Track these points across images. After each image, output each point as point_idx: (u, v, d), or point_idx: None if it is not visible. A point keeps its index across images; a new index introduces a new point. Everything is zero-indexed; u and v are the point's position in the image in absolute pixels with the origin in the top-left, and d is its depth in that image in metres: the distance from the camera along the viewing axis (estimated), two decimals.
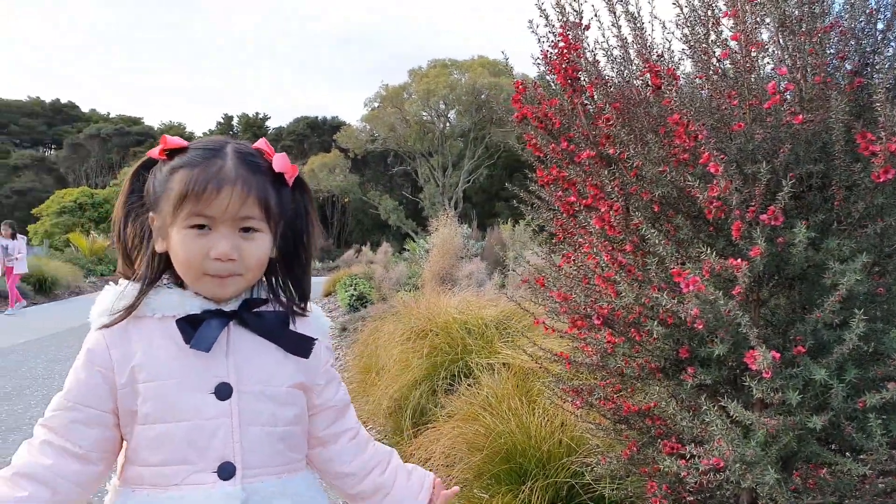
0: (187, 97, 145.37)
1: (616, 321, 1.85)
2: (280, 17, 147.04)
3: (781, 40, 1.72)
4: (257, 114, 55.73)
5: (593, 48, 1.93)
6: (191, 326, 1.05)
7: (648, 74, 1.72)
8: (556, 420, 2.76)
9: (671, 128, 1.63)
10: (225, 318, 1.08)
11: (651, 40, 1.92)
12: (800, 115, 1.49)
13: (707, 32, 1.88)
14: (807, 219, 1.57)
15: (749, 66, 1.59)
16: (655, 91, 1.70)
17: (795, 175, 1.50)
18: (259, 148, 1.12)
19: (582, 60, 1.88)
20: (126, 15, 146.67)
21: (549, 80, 2.14)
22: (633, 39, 1.91)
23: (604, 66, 1.94)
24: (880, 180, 1.42)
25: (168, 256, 1.08)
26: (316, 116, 50.13)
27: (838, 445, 1.72)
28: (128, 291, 1.08)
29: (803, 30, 1.61)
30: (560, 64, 1.91)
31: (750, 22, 1.67)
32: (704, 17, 1.89)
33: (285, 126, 51.17)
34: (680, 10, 1.76)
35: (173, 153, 1.08)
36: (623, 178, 1.76)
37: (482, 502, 2.59)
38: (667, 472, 1.74)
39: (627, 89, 1.82)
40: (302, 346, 1.14)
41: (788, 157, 1.55)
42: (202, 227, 1.04)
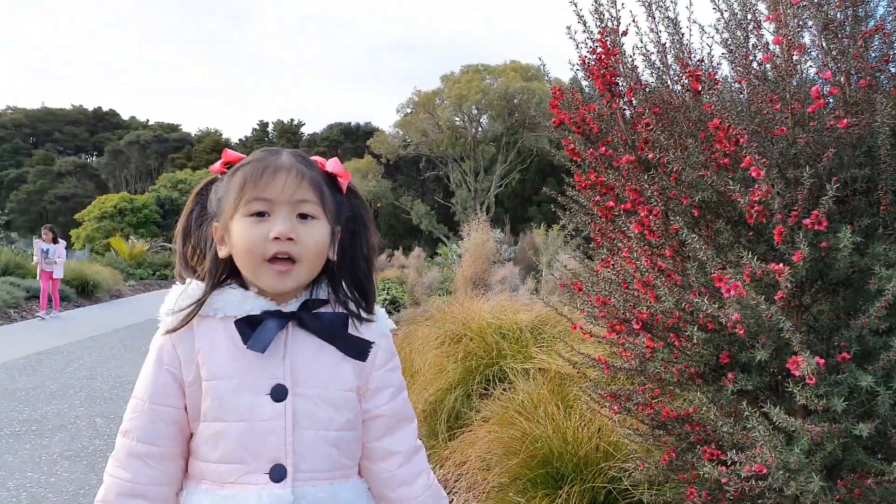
0: (224, 104, 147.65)
1: (655, 326, 1.85)
2: (316, 26, 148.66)
3: (824, 44, 1.70)
4: (292, 120, 56.37)
5: (632, 53, 1.93)
6: (249, 327, 1.07)
7: (688, 79, 1.72)
8: (592, 425, 2.75)
9: (711, 132, 1.63)
10: (283, 319, 1.09)
11: (690, 45, 1.92)
12: (844, 119, 1.47)
13: (747, 36, 1.88)
14: (851, 223, 1.56)
15: (791, 69, 1.58)
16: (695, 96, 1.69)
17: (839, 179, 1.49)
18: (314, 159, 1.16)
19: (620, 66, 1.88)
20: (165, 24, 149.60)
21: (586, 85, 2.15)
22: (671, 44, 1.91)
23: (642, 71, 1.94)
24: None
25: (230, 263, 1.11)
26: (349, 123, 50.53)
27: (885, 454, 1.69)
28: (192, 291, 1.11)
29: (847, 33, 1.60)
30: (598, 69, 1.92)
31: (792, 25, 1.66)
32: (745, 21, 1.88)
33: (319, 132, 51.66)
34: (720, 15, 1.76)
35: (232, 165, 1.14)
36: (662, 183, 1.76)
37: None
38: (706, 478, 1.73)
39: (667, 94, 1.81)
40: (359, 348, 1.13)
41: (832, 161, 1.53)
42: (262, 215, 1.06)
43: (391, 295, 11.48)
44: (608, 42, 1.92)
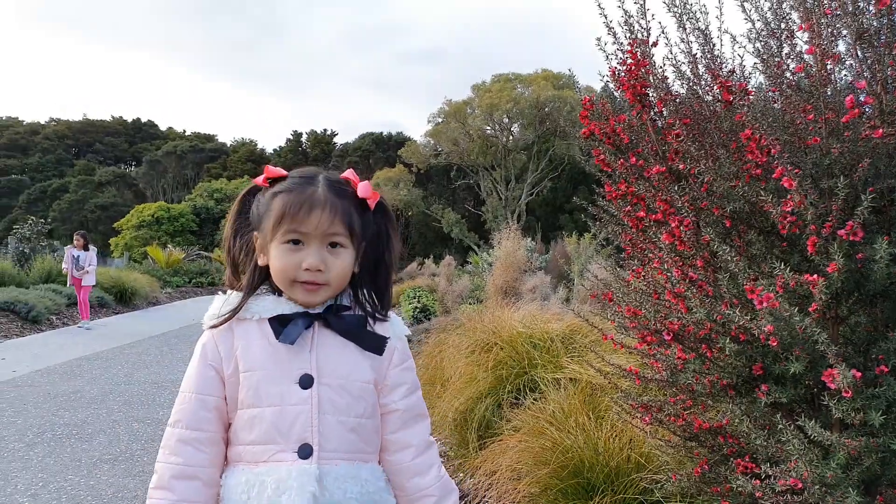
0: (259, 114, 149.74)
1: (687, 337, 1.83)
2: (349, 37, 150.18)
3: (859, 53, 1.68)
4: (325, 130, 56.95)
5: (662, 64, 1.93)
6: (281, 325, 1.21)
7: (719, 90, 1.71)
8: (624, 436, 2.73)
9: (743, 143, 1.62)
10: (311, 318, 1.23)
11: (721, 55, 1.91)
12: (880, 129, 1.46)
13: (780, 45, 1.86)
14: (888, 234, 1.53)
15: (825, 79, 1.56)
16: (726, 106, 1.68)
17: (875, 189, 1.47)
18: (346, 177, 1.28)
19: (650, 77, 1.88)
20: (202, 35, 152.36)
21: (616, 95, 2.15)
22: (702, 55, 1.90)
23: (672, 81, 1.94)
24: None
25: (267, 269, 1.25)
26: (381, 132, 50.85)
27: None
28: (232, 298, 1.27)
29: (883, 41, 1.58)
30: (628, 80, 1.92)
31: (826, 35, 1.64)
32: (778, 31, 1.87)
33: (351, 142, 52.09)
34: (752, 25, 1.75)
35: (274, 181, 1.26)
36: (693, 194, 1.75)
37: None
38: (740, 491, 1.71)
39: (697, 104, 1.81)
40: (376, 344, 1.27)
41: (868, 171, 1.51)
42: (296, 243, 1.21)
43: (422, 303, 11.51)
44: (638, 53, 1.92)
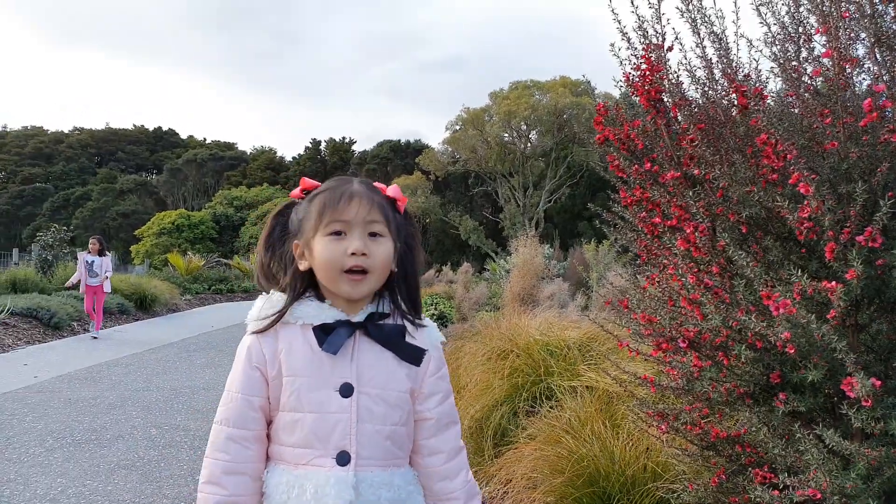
0: (278, 123, 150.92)
1: (703, 344, 1.81)
2: (367, 46, 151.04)
3: (878, 56, 1.66)
4: (343, 138, 57.27)
5: (676, 69, 1.91)
6: (324, 333, 1.25)
7: (734, 94, 1.69)
8: (640, 444, 2.70)
9: (759, 148, 1.60)
10: (352, 328, 1.27)
11: (737, 60, 1.89)
12: None
13: (798, 49, 1.84)
14: None
15: (843, 82, 1.54)
16: (742, 111, 1.67)
17: (895, 195, 1.44)
18: (378, 184, 1.34)
19: (665, 82, 1.86)
20: (223, 45, 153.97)
21: (631, 101, 2.13)
22: (717, 59, 1.88)
23: (687, 87, 1.92)
24: None
25: (310, 274, 1.29)
26: (398, 140, 50.98)
27: None
28: (276, 301, 1.29)
29: None
30: (642, 86, 1.91)
31: (844, 38, 1.62)
32: (795, 35, 1.85)
33: (369, 150, 52.29)
34: (768, 29, 1.73)
35: (309, 192, 1.32)
36: (709, 199, 1.73)
37: None
38: (758, 501, 1.68)
39: (712, 109, 1.79)
40: (414, 355, 1.30)
41: (887, 175, 1.49)
42: (339, 234, 1.24)
43: (439, 310, 11.50)
44: (652, 58, 1.91)
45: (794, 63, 1.81)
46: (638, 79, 1.95)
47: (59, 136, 71.62)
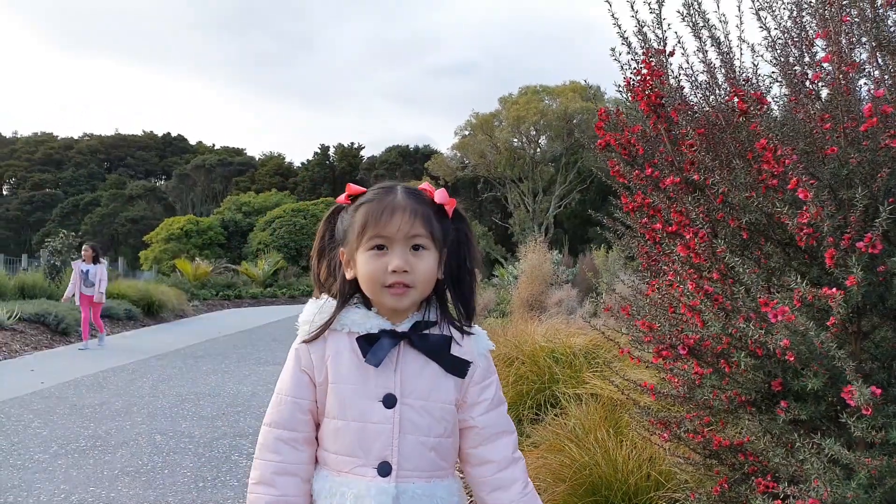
0: (287, 128, 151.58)
1: (703, 351, 1.79)
2: (375, 51, 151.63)
3: (880, 60, 1.64)
4: (352, 144, 57.32)
5: (677, 74, 1.90)
6: (368, 343, 1.25)
7: (733, 99, 1.68)
8: (645, 453, 2.68)
9: (758, 153, 1.58)
10: (397, 338, 1.26)
11: (740, 64, 1.87)
12: None
13: (801, 55, 1.82)
14: None
15: (843, 87, 1.52)
16: (740, 116, 1.65)
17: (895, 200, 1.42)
18: (423, 188, 1.31)
19: (665, 87, 1.85)
20: (232, 51, 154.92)
21: (633, 106, 2.12)
22: (720, 64, 1.87)
23: (688, 92, 1.91)
24: None
25: (356, 282, 1.29)
26: (407, 145, 51.04)
27: None
28: (326, 307, 1.30)
29: None
30: (643, 90, 1.89)
31: (845, 43, 1.60)
32: (798, 39, 1.83)
33: (378, 155, 52.38)
34: (768, 33, 1.71)
35: (355, 198, 1.30)
36: (709, 205, 1.72)
37: None
38: None
39: (713, 114, 1.77)
40: (459, 367, 1.29)
41: (888, 181, 1.47)
42: (381, 248, 1.24)
43: None
44: (653, 63, 1.90)
45: (796, 68, 1.79)
46: (638, 83, 1.94)
47: (69, 142, 72.14)
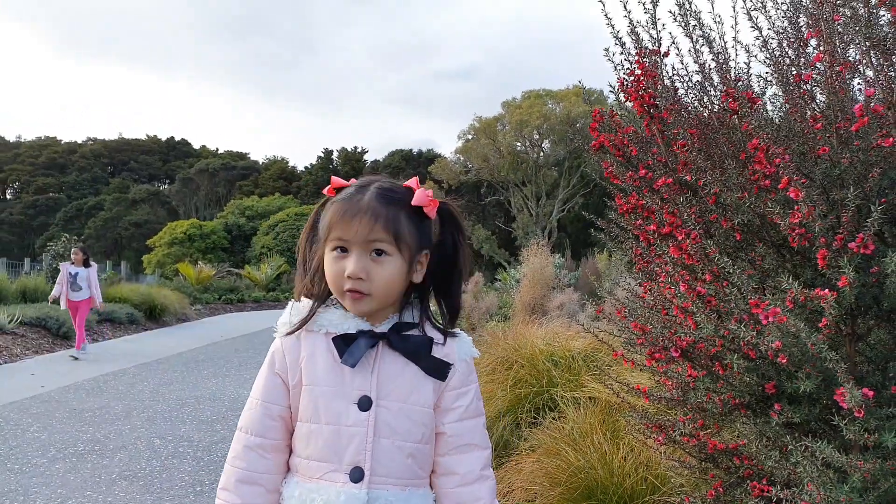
0: (290, 132, 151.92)
1: (697, 354, 1.78)
2: (380, 55, 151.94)
3: (874, 60, 1.63)
4: (356, 148, 57.43)
5: (671, 75, 1.89)
6: (345, 343, 1.21)
7: (725, 99, 1.66)
8: (641, 457, 2.66)
9: (751, 153, 1.57)
10: (375, 338, 1.22)
11: (735, 65, 1.86)
12: (890, 138, 1.40)
13: (798, 55, 1.81)
14: None
15: (834, 86, 1.51)
16: (731, 116, 1.64)
17: (888, 200, 1.41)
18: (408, 185, 1.26)
19: (658, 87, 1.84)
20: (235, 55, 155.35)
21: (628, 107, 2.11)
22: (715, 66, 1.86)
23: (682, 92, 1.89)
24: None
25: None
26: (410, 149, 51.07)
27: None
28: (302, 307, 1.27)
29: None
30: (636, 91, 1.88)
31: (838, 42, 1.59)
32: (793, 39, 1.82)
33: (381, 160, 52.42)
34: (759, 33, 1.70)
35: (339, 190, 1.26)
36: (701, 206, 1.70)
37: None
38: None
39: (703, 114, 1.76)
40: (439, 368, 1.24)
41: (881, 181, 1.45)
42: (343, 251, 1.20)
43: None
44: (646, 63, 1.89)
45: (792, 69, 1.78)
46: (632, 84, 1.92)
47: (73, 146, 72.33)
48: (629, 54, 1.97)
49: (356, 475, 1.18)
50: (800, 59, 1.82)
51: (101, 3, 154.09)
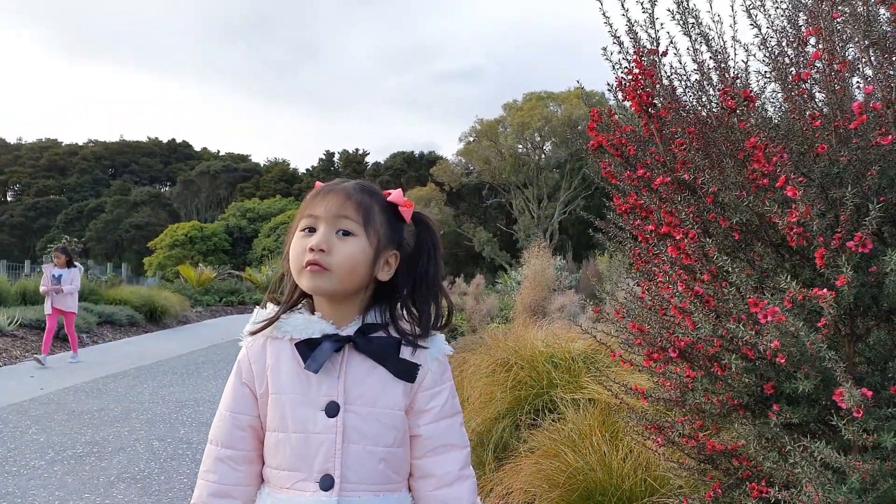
0: (292, 135, 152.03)
1: (695, 354, 1.77)
2: (384, 58, 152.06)
3: (873, 58, 1.62)
4: (357, 150, 57.47)
5: (669, 74, 1.88)
6: (309, 349, 1.17)
7: (723, 98, 1.65)
8: (640, 458, 2.65)
9: (749, 152, 1.56)
10: (340, 342, 1.18)
11: (735, 63, 1.85)
12: (889, 136, 1.39)
13: (798, 54, 1.80)
14: None
15: (832, 85, 1.50)
16: (730, 114, 1.63)
17: (887, 199, 1.40)
18: (388, 192, 1.25)
19: (656, 86, 1.83)
20: (237, 57, 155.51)
21: (626, 106, 2.10)
22: (713, 65, 1.85)
23: (681, 92, 1.88)
24: None
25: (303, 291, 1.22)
26: (412, 152, 51.17)
27: None
28: (267, 312, 1.24)
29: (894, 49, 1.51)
30: (634, 90, 1.87)
31: (838, 41, 1.58)
32: (792, 38, 1.81)
33: (383, 162, 52.47)
34: (758, 31, 1.69)
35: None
36: (700, 205, 1.69)
37: None
38: None
39: (700, 112, 1.75)
40: (408, 371, 1.21)
41: (879, 179, 1.44)
42: (311, 231, 1.18)
43: None
44: (644, 62, 1.88)
45: (791, 68, 1.77)
46: (630, 83, 1.91)
47: (74, 148, 72.42)
48: (627, 53, 1.96)
49: (326, 483, 1.15)
50: (799, 57, 1.81)
51: (102, 5, 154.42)
